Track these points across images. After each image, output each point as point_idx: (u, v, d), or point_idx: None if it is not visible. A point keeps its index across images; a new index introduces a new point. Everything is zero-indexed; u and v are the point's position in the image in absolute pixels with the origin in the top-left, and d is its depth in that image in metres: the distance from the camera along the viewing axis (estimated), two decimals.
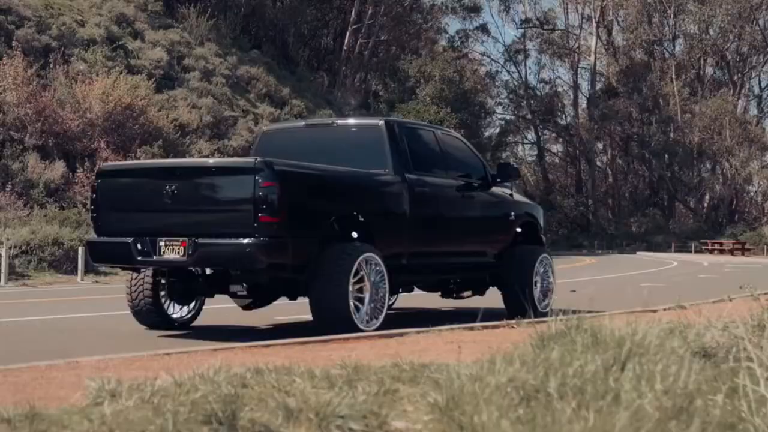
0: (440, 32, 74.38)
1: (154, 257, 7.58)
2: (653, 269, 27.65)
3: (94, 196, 8.21)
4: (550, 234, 49.95)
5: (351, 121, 10.75)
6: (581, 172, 75.53)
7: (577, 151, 75.11)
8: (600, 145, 75.80)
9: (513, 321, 7.25)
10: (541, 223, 11.27)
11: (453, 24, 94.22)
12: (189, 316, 8.92)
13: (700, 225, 65.86)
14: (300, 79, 52.61)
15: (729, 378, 3.53)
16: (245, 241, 7.12)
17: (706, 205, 69.94)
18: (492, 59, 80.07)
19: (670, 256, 47.65)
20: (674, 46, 72.29)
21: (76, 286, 17.53)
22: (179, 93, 38.87)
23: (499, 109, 78.41)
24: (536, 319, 6.77)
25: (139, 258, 7.67)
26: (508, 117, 79.37)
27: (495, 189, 10.33)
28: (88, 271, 19.30)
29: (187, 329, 8.75)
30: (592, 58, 72.53)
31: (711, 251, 54.30)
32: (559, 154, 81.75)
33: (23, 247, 19.56)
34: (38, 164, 27.18)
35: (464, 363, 4.27)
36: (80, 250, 18.94)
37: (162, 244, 7.51)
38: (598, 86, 73.19)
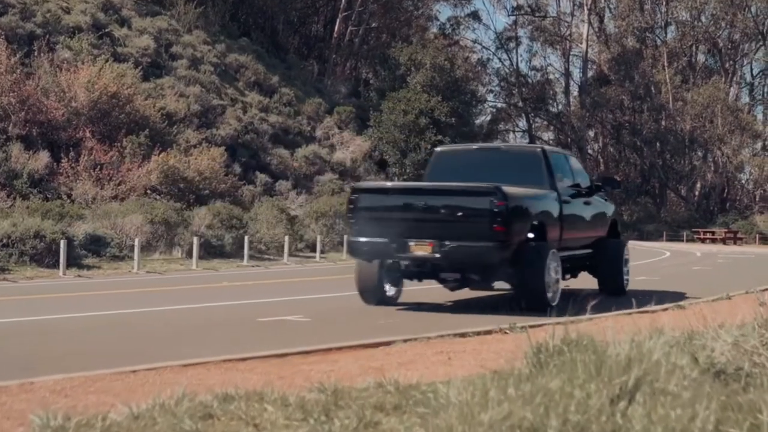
0: (431, 19, 73.81)
1: (407, 253, 10.26)
2: (646, 260, 27.28)
3: (352, 206, 10.85)
4: None
5: (514, 146, 14.87)
6: None
7: (569, 139, 74.75)
8: (591, 133, 75.48)
9: (506, 327, 6.94)
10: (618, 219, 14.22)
11: (444, 11, 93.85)
12: (397, 294, 11.42)
13: (691, 213, 65.57)
14: (289, 67, 52.06)
15: (749, 412, 3.16)
16: (485, 244, 9.89)
17: (697, 193, 69.64)
18: (483, 47, 79.64)
19: (663, 245, 47.35)
20: (666, 33, 71.85)
21: (59, 281, 17.08)
22: (166, 81, 38.32)
23: (490, 97, 77.95)
24: (529, 324, 6.47)
25: (397, 254, 10.37)
26: (499, 105, 79.00)
27: (596, 195, 13.06)
28: (70, 265, 18.83)
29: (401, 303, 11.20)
30: (584, 45, 72.04)
31: (703, 240, 54.02)
32: (551, 141, 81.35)
33: (4, 240, 19.07)
34: (22, 154, 26.71)
35: (454, 382, 3.91)
36: (62, 243, 18.46)
37: (412, 244, 10.18)
38: (590, 74, 72.80)
